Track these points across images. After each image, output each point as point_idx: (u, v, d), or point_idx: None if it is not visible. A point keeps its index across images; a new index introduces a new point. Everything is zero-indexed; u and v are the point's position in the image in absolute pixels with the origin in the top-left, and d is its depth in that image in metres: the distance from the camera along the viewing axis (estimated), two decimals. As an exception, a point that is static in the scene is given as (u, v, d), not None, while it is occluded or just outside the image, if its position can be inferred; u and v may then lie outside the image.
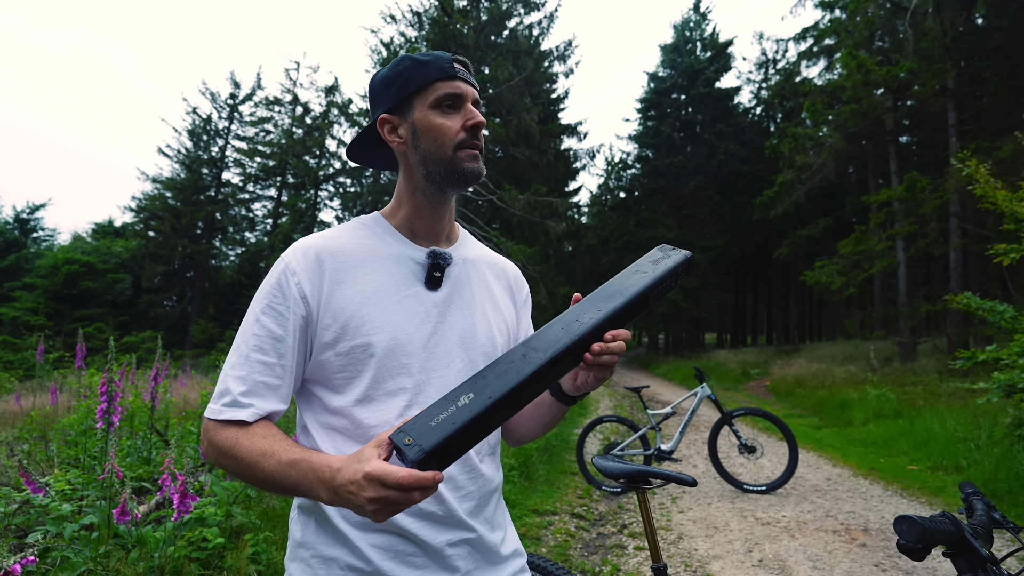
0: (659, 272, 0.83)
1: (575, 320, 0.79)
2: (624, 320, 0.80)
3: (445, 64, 0.88)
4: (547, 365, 0.73)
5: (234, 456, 0.79)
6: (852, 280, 13.67)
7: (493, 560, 0.91)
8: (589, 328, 0.77)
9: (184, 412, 5.42)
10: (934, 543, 0.80)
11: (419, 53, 0.90)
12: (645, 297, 0.82)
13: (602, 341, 0.78)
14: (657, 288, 0.83)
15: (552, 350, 0.74)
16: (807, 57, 21.30)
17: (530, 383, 0.72)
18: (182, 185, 27.95)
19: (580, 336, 0.76)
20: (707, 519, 4.09)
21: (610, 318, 0.78)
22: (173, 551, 2.03)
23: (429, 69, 0.88)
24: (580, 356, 0.78)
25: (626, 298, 0.80)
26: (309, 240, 0.89)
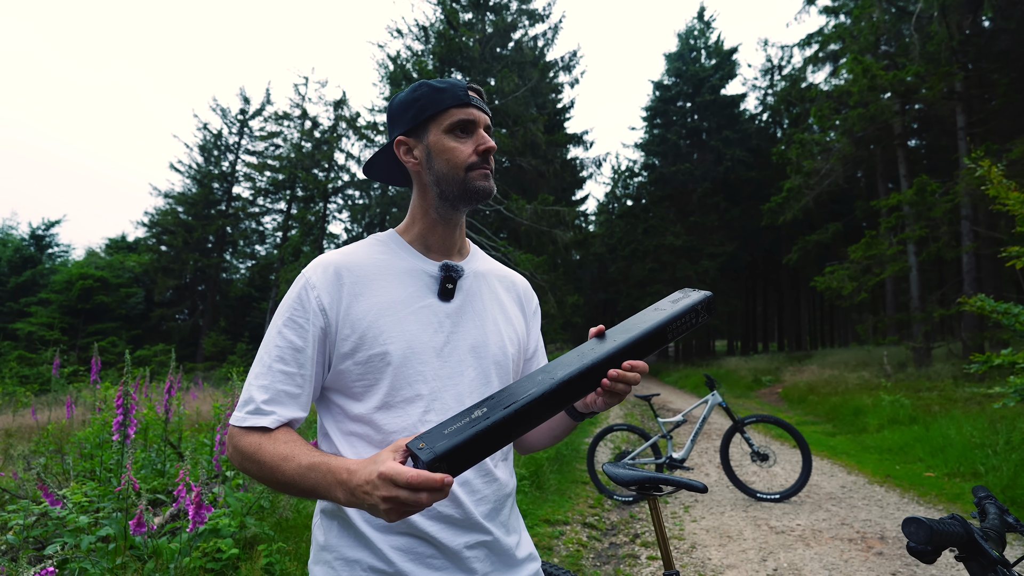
0: (677, 310, 0.87)
1: (592, 349, 0.83)
2: (640, 352, 0.83)
3: (460, 92, 0.93)
4: (558, 388, 0.76)
5: (257, 460, 0.82)
6: (863, 285, 13.55)
7: (509, 563, 0.93)
8: (603, 356, 0.80)
9: (197, 424, 5.46)
10: (943, 545, 0.81)
11: (436, 80, 0.94)
12: (663, 331, 0.84)
13: (621, 370, 0.80)
14: (675, 323, 0.86)
15: (564, 375, 0.78)
16: (813, 63, 21.30)
17: (540, 403, 0.75)
18: (193, 200, 28.34)
19: (593, 363, 0.79)
20: (720, 528, 4.05)
21: (625, 349, 0.81)
22: (188, 562, 2.05)
23: (445, 96, 0.92)
24: (596, 382, 0.80)
25: (642, 331, 0.83)
26: (328, 256, 0.93)
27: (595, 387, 0.81)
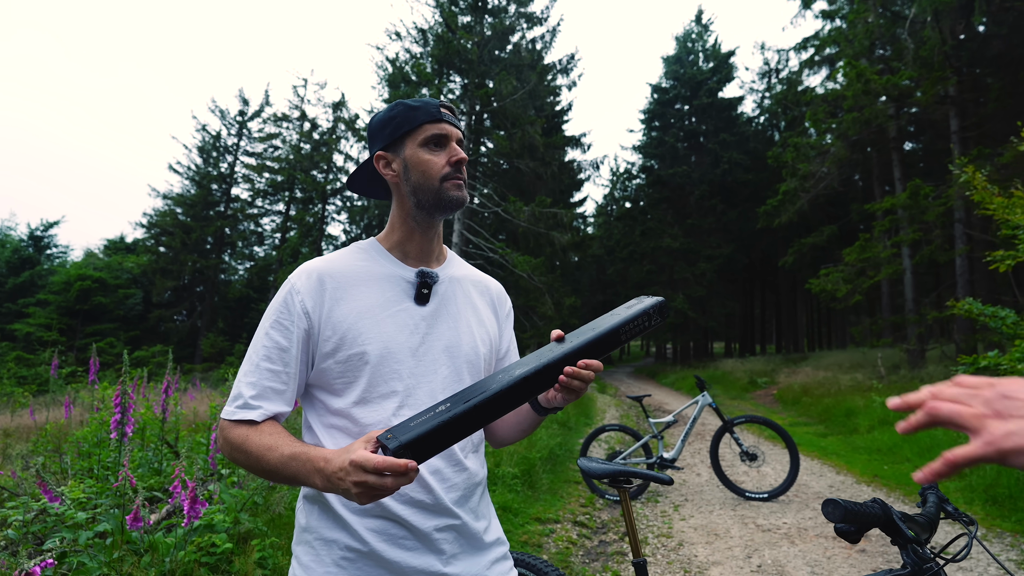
0: (630, 314, 0.93)
1: (550, 350, 0.90)
2: (595, 352, 0.89)
3: (433, 109, 1.01)
4: (516, 384, 0.84)
5: (244, 450, 0.90)
6: (857, 288, 13.64)
7: (477, 546, 1.00)
8: (559, 356, 0.87)
9: (194, 424, 5.52)
10: (860, 524, 0.88)
11: (411, 99, 1.02)
12: (616, 333, 0.91)
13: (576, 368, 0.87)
14: (628, 326, 0.92)
15: (522, 373, 0.85)
16: (809, 66, 21.43)
17: (499, 399, 0.82)
18: (192, 201, 28.39)
19: (550, 362, 0.87)
20: (708, 526, 4.12)
21: (580, 349, 0.88)
22: (184, 555, 2.12)
23: (419, 113, 1.00)
24: (553, 379, 0.87)
25: (596, 333, 0.90)
26: (312, 264, 1.01)
27: (552, 384, 0.88)
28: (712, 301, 24.74)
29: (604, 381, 21.27)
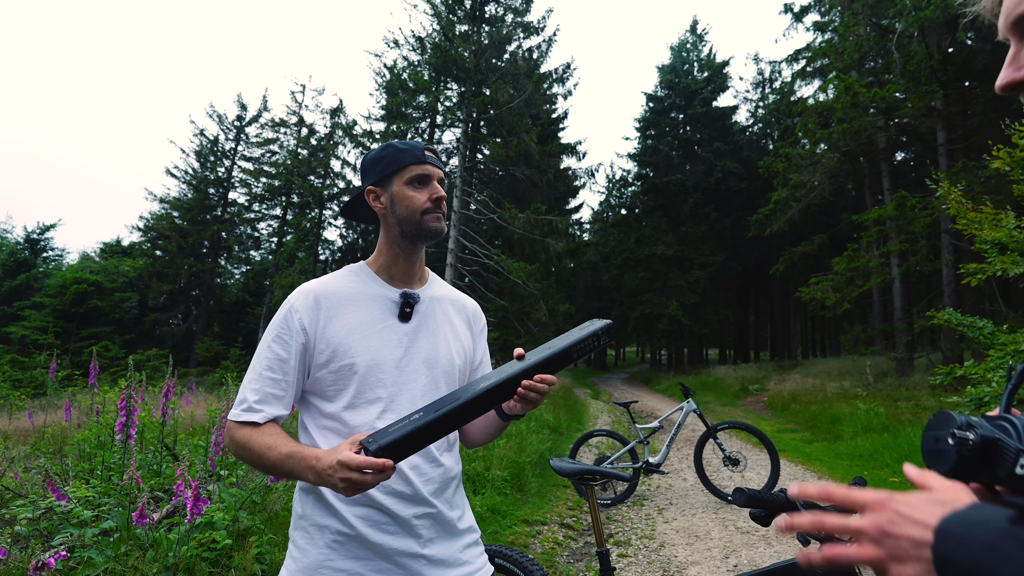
0: (581, 335, 1.09)
1: (511, 365, 1.06)
2: (550, 368, 1.05)
3: (418, 152, 1.17)
4: (480, 396, 1.00)
5: (248, 448, 1.06)
6: (846, 296, 13.86)
7: (451, 532, 1.16)
8: (518, 371, 1.03)
9: (191, 428, 5.64)
10: (767, 508, 1.04)
11: (399, 142, 1.18)
12: (569, 352, 1.07)
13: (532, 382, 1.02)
14: (579, 346, 1.08)
15: (485, 386, 1.01)
16: (801, 77, 21.74)
17: (465, 408, 0.98)
18: (189, 205, 28.48)
19: (510, 376, 1.02)
20: (690, 528, 4.27)
21: (536, 365, 1.03)
22: (186, 551, 2.25)
23: (405, 155, 1.17)
24: (512, 391, 1.03)
25: (551, 352, 1.06)
26: (309, 285, 1.17)
27: (512, 395, 1.03)
28: (706, 308, 24.94)
29: (598, 387, 21.41)
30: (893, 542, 0.47)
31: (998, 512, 0.45)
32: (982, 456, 0.56)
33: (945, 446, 0.58)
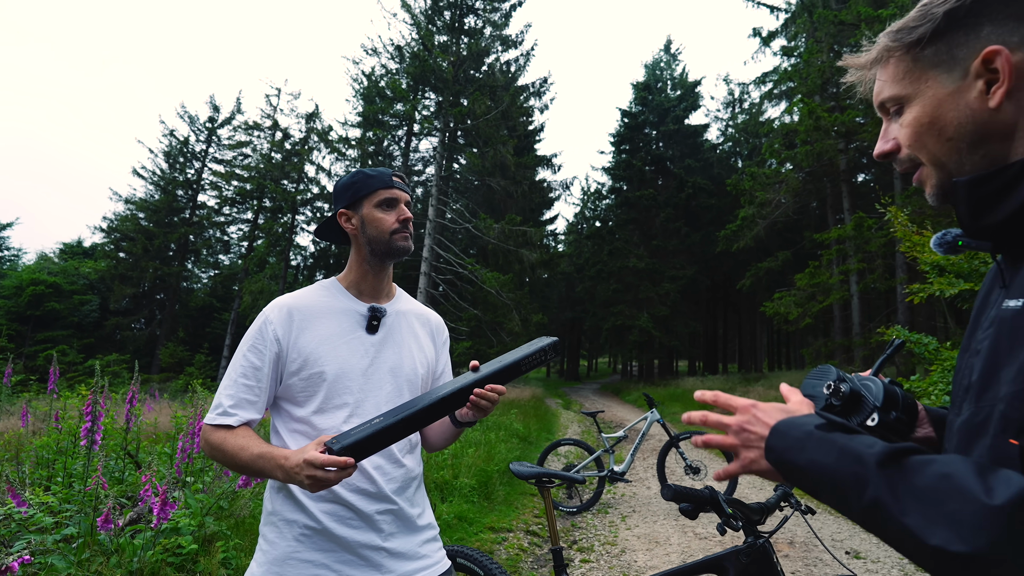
0: (530, 351, 1.21)
1: (465, 376, 1.17)
2: (501, 379, 1.16)
3: (386, 178, 1.28)
4: (436, 403, 1.11)
5: (222, 450, 1.14)
6: (808, 311, 14.39)
7: (411, 528, 1.25)
8: (471, 381, 1.14)
9: (155, 435, 5.55)
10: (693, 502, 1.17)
11: (369, 168, 1.29)
12: (518, 365, 1.19)
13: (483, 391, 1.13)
14: (527, 360, 1.20)
15: (441, 393, 1.12)
16: (768, 99, 22.59)
17: (422, 414, 1.09)
18: (156, 206, 27.79)
19: (463, 386, 1.13)
20: (650, 535, 4.41)
21: (487, 376, 1.15)
22: (151, 555, 2.27)
23: (375, 180, 1.27)
24: (465, 399, 1.14)
25: (502, 365, 1.18)
26: (284, 299, 1.26)
27: (465, 403, 1.14)
28: (676, 321, 25.43)
29: (569, 397, 21.59)
30: (745, 435, 0.68)
31: (812, 419, 0.63)
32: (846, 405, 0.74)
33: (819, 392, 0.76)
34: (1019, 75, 0.60)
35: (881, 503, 0.52)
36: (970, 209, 0.62)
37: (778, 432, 0.64)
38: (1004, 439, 0.54)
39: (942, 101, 0.64)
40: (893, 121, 0.71)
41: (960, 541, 0.46)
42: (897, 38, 0.68)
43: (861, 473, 0.54)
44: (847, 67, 0.76)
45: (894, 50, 0.68)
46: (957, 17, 0.63)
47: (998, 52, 0.60)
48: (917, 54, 0.66)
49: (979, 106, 0.62)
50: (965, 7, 0.63)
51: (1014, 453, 0.52)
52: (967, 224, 0.63)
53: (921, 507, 0.49)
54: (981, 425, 0.58)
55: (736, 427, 0.69)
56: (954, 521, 0.47)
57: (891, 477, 0.52)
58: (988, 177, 0.60)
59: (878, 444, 0.56)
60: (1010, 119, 0.61)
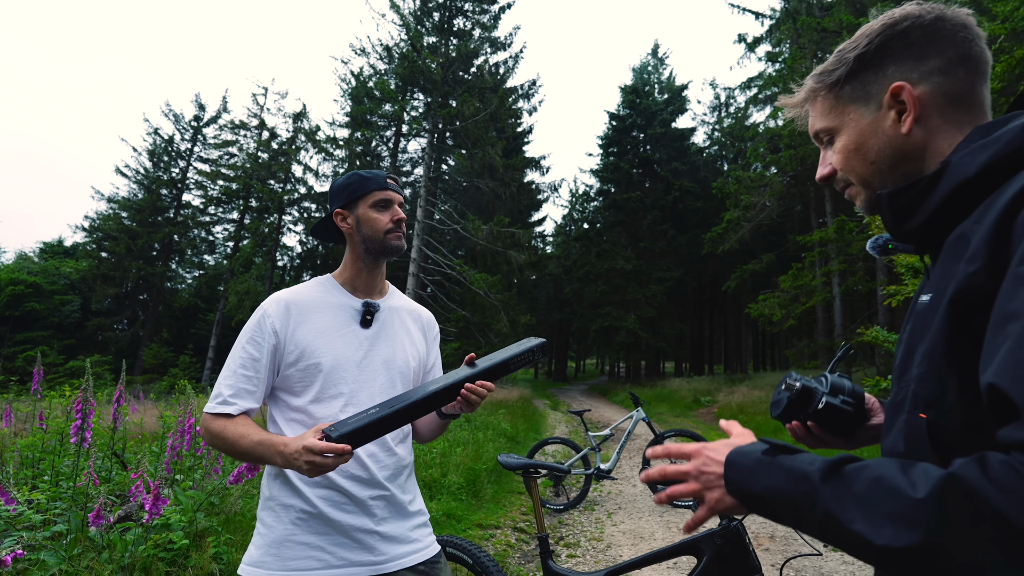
0: (519, 350, 1.28)
1: (458, 371, 1.23)
2: (490, 376, 1.23)
3: (381, 180, 1.34)
4: (428, 396, 1.17)
5: (222, 437, 1.19)
6: (791, 313, 14.63)
7: (402, 513, 1.31)
8: (462, 377, 1.20)
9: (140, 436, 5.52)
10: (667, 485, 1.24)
11: (364, 171, 1.35)
12: (507, 364, 1.25)
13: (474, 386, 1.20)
14: (516, 359, 1.26)
15: (434, 388, 1.19)
16: (753, 103, 22.91)
17: (415, 406, 1.15)
18: (139, 206, 27.45)
19: (455, 381, 1.20)
20: (636, 531, 4.50)
21: (478, 373, 1.22)
22: (143, 551, 2.29)
23: (370, 182, 1.33)
24: (455, 394, 1.20)
25: (492, 363, 1.24)
26: (281, 294, 1.31)
27: (455, 398, 1.20)
28: (662, 322, 25.66)
29: (557, 398, 21.69)
30: (705, 476, 0.70)
31: (758, 446, 0.67)
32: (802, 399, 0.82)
33: (782, 395, 0.84)
34: (923, 104, 0.70)
35: (831, 515, 0.55)
36: (892, 217, 0.71)
37: (732, 464, 0.67)
38: (915, 414, 0.62)
39: (863, 130, 0.74)
40: (828, 149, 0.80)
41: (901, 537, 0.50)
42: (820, 80, 0.78)
43: (810, 491, 0.58)
44: (783, 106, 0.86)
45: (819, 90, 0.78)
46: (866, 60, 0.74)
47: (902, 87, 0.70)
48: (838, 92, 0.76)
49: (894, 132, 0.72)
50: (871, 51, 0.73)
51: (923, 425, 0.60)
52: (892, 230, 0.72)
53: (864, 512, 0.53)
54: (900, 403, 0.66)
55: (695, 472, 0.71)
56: (893, 520, 0.51)
57: (835, 489, 0.56)
58: (904, 190, 0.69)
59: (818, 460, 0.60)
60: (920, 142, 0.71)
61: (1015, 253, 0.54)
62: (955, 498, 0.48)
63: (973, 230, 0.60)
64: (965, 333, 0.59)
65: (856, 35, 0.76)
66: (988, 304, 0.56)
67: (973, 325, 0.58)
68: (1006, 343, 0.51)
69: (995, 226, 0.57)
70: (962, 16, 0.71)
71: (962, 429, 0.59)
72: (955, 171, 0.64)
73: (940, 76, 0.70)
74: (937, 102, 0.70)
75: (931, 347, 0.62)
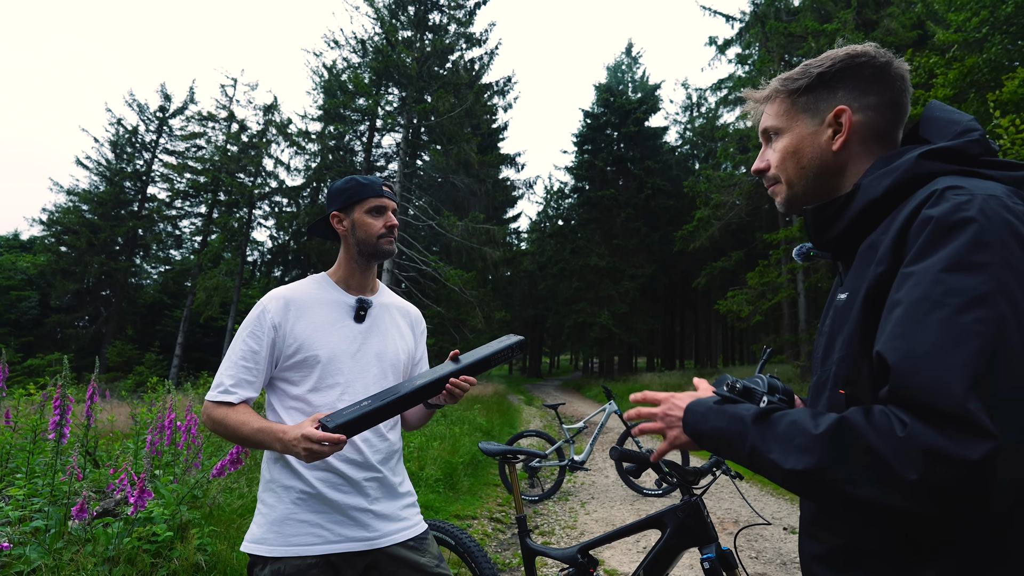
0: (500, 347, 1.40)
1: (443, 366, 1.34)
2: (472, 371, 1.35)
3: (377, 187, 1.44)
4: (417, 390, 1.28)
5: (224, 424, 1.28)
6: (758, 309, 15.09)
7: (393, 493, 1.42)
8: (447, 372, 1.32)
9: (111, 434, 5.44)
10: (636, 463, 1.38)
11: (361, 176, 1.44)
12: (488, 360, 1.37)
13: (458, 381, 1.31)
14: (496, 356, 1.38)
15: (421, 382, 1.29)
16: (724, 104, 23.43)
17: (404, 399, 1.26)
18: (101, 198, 26.56)
19: (440, 376, 1.31)
20: (608, 518, 4.67)
21: (461, 368, 1.33)
22: (128, 542, 2.33)
23: (367, 189, 1.43)
24: (442, 387, 1.31)
25: (475, 358, 1.36)
26: (280, 291, 1.40)
27: (441, 391, 1.31)
28: (635, 318, 26.10)
29: (531, 394, 21.89)
30: (668, 418, 0.88)
31: (713, 398, 0.84)
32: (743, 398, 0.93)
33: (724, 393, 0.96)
34: (854, 130, 0.83)
35: (756, 448, 0.72)
36: (815, 228, 0.84)
37: (690, 410, 0.84)
38: (836, 391, 0.76)
39: (804, 138, 0.87)
40: (768, 147, 0.93)
41: (802, 462, 0.66)
42: (784, 84, 0.90)
43: (743, 430, 0.74)
44: (748, 98, 0.98)
45: (781, 92, 0.90)
46: (825, 79, 0.86)
47: (844, 111, 0.83)
48: (795, 99, 0.88)
49: (826, 147, 0.85)
50: (831, 73, 0.85)
51: (843, 400, 0.74)
52: (814, 239, 0.86)
53: (779, 445, 0.69)
54: (823, 383, 0.80)
55: (661, 414, 0.89)
56: (797, 449, 0.67)
57: (761, 429, 0.73)
58: (825, 205, 0.82)
59: (752, 408, 0.77)
60: (843, 161, 0.84)
61: (906, 257, 0.68)
62: (843, 434, 0.64)
63: (881, 240, 0.75)
64: (875, 322, 0.72)
65: (823, 56, 0.88)
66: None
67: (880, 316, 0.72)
68: (891, 322, 0.65)
69: (896, 236, 0.71)
70: (904, 68, 0.84)
71: (873, 401, 0.73)
72: (865, 192, 0.78)
73: (874, 112, 0.83)
74: (864, 132, 0.84)
75: (849, 335, 0.75)
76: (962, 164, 0.75)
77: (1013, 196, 0.69)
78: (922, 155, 0.75)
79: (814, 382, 0.85)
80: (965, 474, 0.56)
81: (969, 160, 0.75)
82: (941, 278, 0.63)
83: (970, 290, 0.61)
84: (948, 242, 0.65)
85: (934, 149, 0.75)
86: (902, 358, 0.62)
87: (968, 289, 0.61)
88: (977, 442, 0.56)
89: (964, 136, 0.77)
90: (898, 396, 0.62)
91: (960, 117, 0.80)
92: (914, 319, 0.63)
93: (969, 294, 0.61)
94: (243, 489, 3.46)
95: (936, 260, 0.64)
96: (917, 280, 0.65)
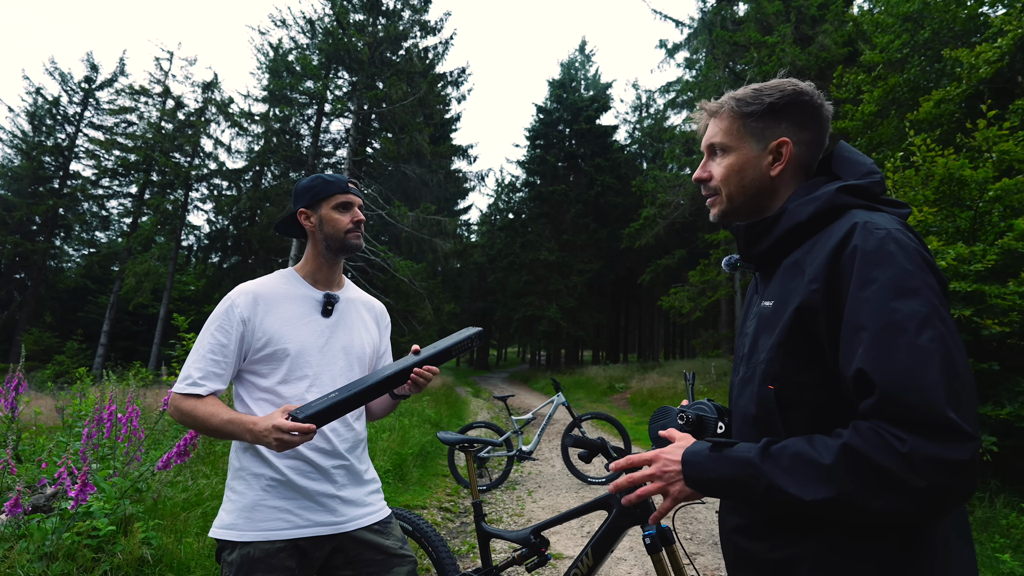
0: (460, 338, 1.48)
1: (407, 358, 1.41)
2: (435, 361, 1.42)
3: (343, 184, 1.48)
4: (382, 380, 1.35)
5: (193, 416, 1.30)
6: (698, 305, 15.81)
7: (359, 480, 1.48)
8: (411, 363, 1.39)
9: (35, 427, 5.12)
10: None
11: (327, 174, 1.48)
12: (449, 351, 1.45)
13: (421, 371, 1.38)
14: (456, 347, 1.47)
15: (386, 373, 1.36)
16: (672, 107, 24.23)
17: (370, 389, 1.33)
18: (16, 173, 24.48)
19: (404, 367, 1.38)
20: (554, 506, 4.85)
21: (424, 359, 1.41)
22: (67, 538, 2.26)
23: (333, 186, 1.47)
24: (405, 378, 1.38)
25: (436, 350, 1.43)
26: (248, 285, 1.43)
27: (405, 381, 1.39)
28: (582, 312, 26.67)
29: (479, 386, 22.02)
30: (667, 475, 0.90)
31: (703, 445, 0.89)
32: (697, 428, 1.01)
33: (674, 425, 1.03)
34: (789, 161, 0.96)
35: (772, 486, 0.77)
36: (745, 243, 0.97)
37: (688, 463, 0.87)
38: (765, 386, 0.88)
39: (748, 159, 0.98)
40: (712, 160, 1.03)
41: (822, 492, 0.73)
42: (737, 106, 0.99)
43: (755, 472, 0.78)
44: (701, 108, 1.07)
45: (734, 112, 0.99)
46: (774, 109, 0.97)
47: (786, 143, 0.96)
48: (745, 122, 0.98)
49: (766, 171, 0.97)
50: (780, 104, 0.96)
51: (771, 394, 0.86)
52: (743, 252, 0.99)
53: (791, 479, 0.76)
54: (750, 378, 0.92)
55: (657, 472, 0.90)
56: (813, 481, 0.74)
57: (770, 466, 0.78)
58: (756, 223, 0.95)
59: (752, 447, 0.82)
60: (777, 186, 0.98)
61: (851, 282, 0.78)
62: (851, 460, 0.72)
63: (807, 259, 0.86)
64: (803, 332, 0.84)
65: (772, 85, 0.97)
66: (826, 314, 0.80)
67: (811, 328, 0.83)
68: (862, 344, 0.74)
69: (828, 261, 0.82)
70: (829, 111, 0.97)
71: (797, 395, 0.85)
72: (791, 216, 0.91)
73: (805, 147, 0.96)
74: (795, 163, 0.97)
75: (777, 340, 0.87)
76: (868, 200, 0.89)
77: (904, 228, 0.83)
78: (840, 189, 0.88)
79: (740, 377, 0.97)
80: (960, 472, 0.67)
81: (872, 197, 0.90)
82: (893, 306, 0.73)
83: (916, 314, 0.72)
84: (882, 271, 0.76)
85: (849, 186, 0.89)
86: (886, 379, 0.71)
87: (915, 313, 0.72)
88: (964, 444, 0.67)
89: (869, 177, 0.91)
90: (886, 413, 0.71)
91: (864, 159, 0.95)
92: (885, 343, 0.72)
93: (917, 317, 0.72)
94: (187, 482, 3.38)
95: (880, 288, 0.75)
96: (873, 307, 0.74)
